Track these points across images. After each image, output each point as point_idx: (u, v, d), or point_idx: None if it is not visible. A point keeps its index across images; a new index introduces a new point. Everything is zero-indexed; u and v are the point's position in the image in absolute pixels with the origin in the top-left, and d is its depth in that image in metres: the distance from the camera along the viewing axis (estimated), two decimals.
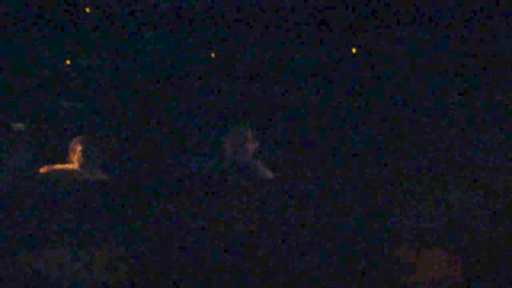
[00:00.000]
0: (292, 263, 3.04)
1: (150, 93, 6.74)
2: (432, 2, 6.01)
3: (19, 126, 7.27)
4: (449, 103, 5.97)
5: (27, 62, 6.96)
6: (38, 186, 3.60)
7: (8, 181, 3.60)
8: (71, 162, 5.23)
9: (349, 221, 3.04)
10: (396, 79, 6.03)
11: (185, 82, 6.45)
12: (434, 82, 5.99)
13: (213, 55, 5.99)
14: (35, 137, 7.40)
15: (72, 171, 5.13)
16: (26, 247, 3.15)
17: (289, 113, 6.04)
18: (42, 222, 3.22)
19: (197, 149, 7.24)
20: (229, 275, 3.06)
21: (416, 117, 5.94)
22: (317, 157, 5.63)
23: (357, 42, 6.07)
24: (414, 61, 6.02)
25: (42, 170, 5.15)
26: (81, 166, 5.17)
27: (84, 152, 5.18)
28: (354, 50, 5.86)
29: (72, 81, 7.11)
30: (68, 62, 6.74)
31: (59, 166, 5.23)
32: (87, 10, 6.51)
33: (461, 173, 3.13)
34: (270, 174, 4.34)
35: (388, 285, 3.02)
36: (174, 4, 6.30)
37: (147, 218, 3.20)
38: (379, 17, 5.48)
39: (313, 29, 5.99)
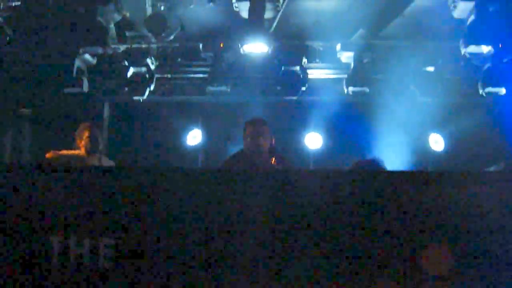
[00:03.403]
0: None
1: None
2: None
3: (25, 111, 7.28)
4: None
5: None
6: None
7: None
8: (78, 147, 5.22)
9: None
10: None
11: None
12: None
13: None
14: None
15: (79, 157, 5.11)
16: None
17: None
18: None
19: None
20: None
21: None
22: None
23: None
24: None
25: (49, 155, 5.09)
26: (88, 151, 5.16)
27: (91, 138, 5.18)
28: None
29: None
30: None
31: (65, 152, 5.20)
32: None
33: None
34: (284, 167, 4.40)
35: None
36: None
37: None
38: None
39: None
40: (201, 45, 7.58)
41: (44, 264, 3.08)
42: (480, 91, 7.20)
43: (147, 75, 7.71)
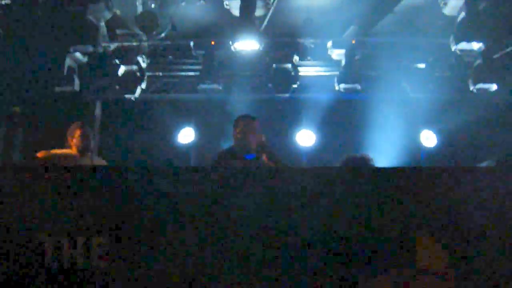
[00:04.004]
0: None
1: None
2: None
3: (16, 110, 7.25)
4: None
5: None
6: None
7: None
8: (70, 147, 5.18)
9: None
10: None
11: None
12: None
13: None
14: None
15: (70, 156, 5.08)
16: None
17: None
18: None
19: None
20: None
21: None
22: None
23: None
24: None
25: (40, 154, 5.05)
26: (80, 151, 5.13)
27: (82, 137, 5.14)
28: None
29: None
30: None
31: (57, 151, 5.16)
32: None
33: None
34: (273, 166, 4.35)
35: None
36: None
37: None
38: None
39: None
40: (192, 43, 7.56)
41: (37, 265, 3.08)
42: (471, 88, 7.23)
43: (138, 73, 7.68)
